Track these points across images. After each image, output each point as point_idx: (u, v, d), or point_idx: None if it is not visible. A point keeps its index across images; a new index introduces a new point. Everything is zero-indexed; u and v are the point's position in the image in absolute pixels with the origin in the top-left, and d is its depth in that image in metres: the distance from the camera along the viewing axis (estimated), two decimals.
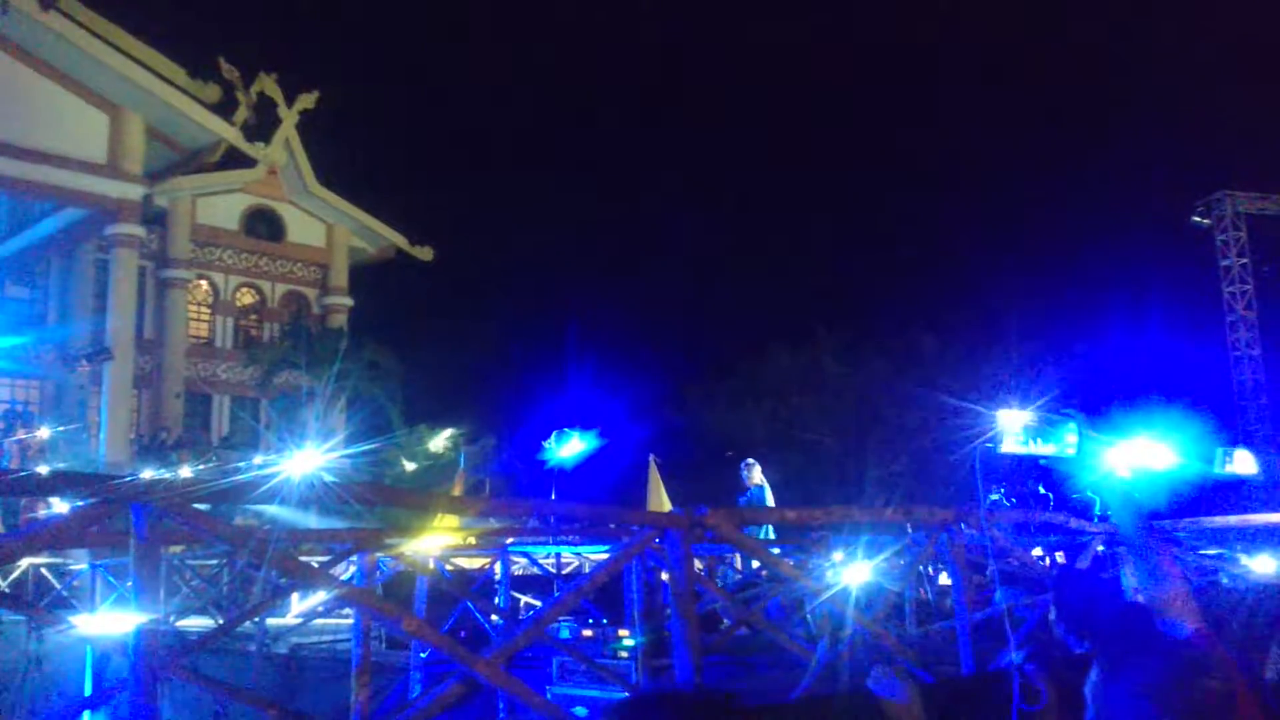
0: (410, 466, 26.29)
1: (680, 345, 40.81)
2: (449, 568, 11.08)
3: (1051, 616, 4.36)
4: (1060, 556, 10.47)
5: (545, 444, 15.28)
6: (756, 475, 14.94)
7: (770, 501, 14.96)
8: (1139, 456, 4.01)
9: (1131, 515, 3.43)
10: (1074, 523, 7.52)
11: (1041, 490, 14.55)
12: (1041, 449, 3.54)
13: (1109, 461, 3.64)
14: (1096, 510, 9.12)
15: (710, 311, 44.62)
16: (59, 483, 3.46)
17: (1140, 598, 3.55)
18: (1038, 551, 10.27)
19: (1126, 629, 3.25)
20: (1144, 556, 3.39)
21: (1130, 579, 4.06)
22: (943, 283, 42.65)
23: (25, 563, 14.39)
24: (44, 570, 15.11)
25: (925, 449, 30.16)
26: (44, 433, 22.05)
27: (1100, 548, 8.73)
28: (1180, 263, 35.37)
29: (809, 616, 6.72)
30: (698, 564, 8.70)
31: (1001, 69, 54.00)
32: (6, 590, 13.78)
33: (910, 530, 13.68)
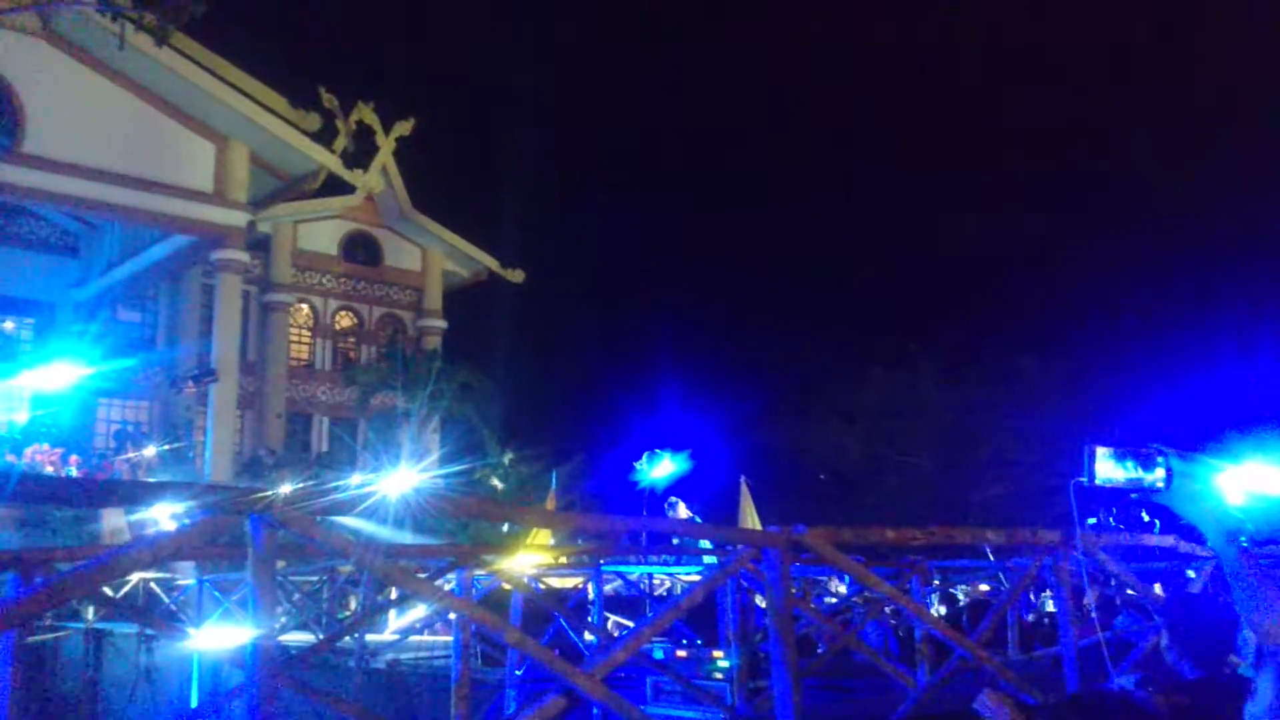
0: (500, 486, 26.63)
1: (772, 365, 40.50)
2: (541, 586, 11.16)
3: (1163, 643, 4.23)
4: (1159, 588, 10.13)
5: (636, 465, 15.40)
6: (682, 512, 14.85)
7: None
8: (1252, 481, 3.87)
9: (1224, 540, 3.26)
10: (1184, 546, 7.26)
11: (1145, 517, 14.09)
12: (1137, 476, 3.42)
13: (1216, 486, 3.51)
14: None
15: (803, 332, 44.21)
16: (183, 492, 3.61)
17: (1247, 630, 3.42)
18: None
19: None
20: (1248, 583, 3.22)
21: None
22: (1046, 305, 41.66)
23: (136, 577, 14.89)
24: (153, 585, 15.61)
25: (1025, 474, 29.49)
26: (151, 451, 22.87)
27: (1192, 574, 8.43)
28: None
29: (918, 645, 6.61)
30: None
31: (1105, 86, 52.82)
32: (118, 602, 14.25)
33: (991, 556, 13.36)
